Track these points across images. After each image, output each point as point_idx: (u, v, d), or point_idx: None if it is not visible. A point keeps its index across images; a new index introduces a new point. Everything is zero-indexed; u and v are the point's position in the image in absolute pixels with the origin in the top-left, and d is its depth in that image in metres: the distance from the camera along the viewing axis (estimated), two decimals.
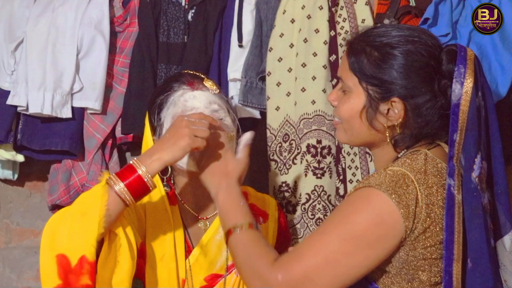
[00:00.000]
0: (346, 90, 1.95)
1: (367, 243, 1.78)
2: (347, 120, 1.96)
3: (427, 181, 1.83)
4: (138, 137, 2.89)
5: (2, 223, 3.02)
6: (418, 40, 1.89)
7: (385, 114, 1.89)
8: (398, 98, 1.87)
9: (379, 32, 1.94)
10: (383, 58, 1.88)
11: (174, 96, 2.25)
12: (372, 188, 1.80)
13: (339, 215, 1.83)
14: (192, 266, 2.22)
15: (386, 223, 1.78)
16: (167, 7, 2.86)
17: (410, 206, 1.79)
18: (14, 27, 2.85)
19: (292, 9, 2.78)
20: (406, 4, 2.80)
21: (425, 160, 1.86)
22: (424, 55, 1.87)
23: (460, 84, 1.83)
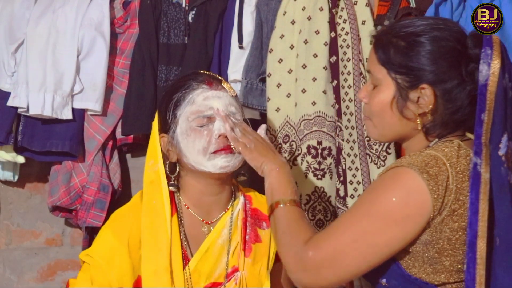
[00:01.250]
0: (375, 83, 1.97)
1: (394, 221, 1.79)
2: (378, 113, 1.97)
3: (459, 165, 1.84)
4: (138, 138, 2.89)
5: (3, 224, 3.01)
6: (443, 27, 1.91)
7: (416, 102, 1.90)
8: (427, 85, 1.89)
9: (403, 23, 1.97)
10: (409, 46, 1.90)
11: (193, 94, 2.24)
12: (403, 167, 1.82)
13: (369, 194, 1.86)
14: (192, 274, 2.22)
15: (415, 202, 1.79)
16: (168, 8, 2.86)
17: (440, 186, 1.80)
18: (14, 29, 2.85)
19: (292, 10, 2.78)
20: (406, 6, 2.80)
21: (458, 148, 1.88)
22: (450, 40, 1.89)
23: (487, 65, 1.84)
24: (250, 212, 2.34)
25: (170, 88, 2.32)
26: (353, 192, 2.67)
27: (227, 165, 2.23)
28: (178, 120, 2.24)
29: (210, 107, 2.22)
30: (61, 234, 3.04)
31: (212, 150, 2.21)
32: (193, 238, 2.27)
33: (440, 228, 1.82)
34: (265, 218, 2.35)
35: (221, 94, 2.25)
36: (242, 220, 2.31)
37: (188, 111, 2.23)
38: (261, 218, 2.35)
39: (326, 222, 2.68)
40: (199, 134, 2.22)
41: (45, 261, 3.02)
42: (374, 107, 1.97)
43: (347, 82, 2.71)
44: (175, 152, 2.27)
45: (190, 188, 2.30)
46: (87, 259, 2.21)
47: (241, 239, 2.28)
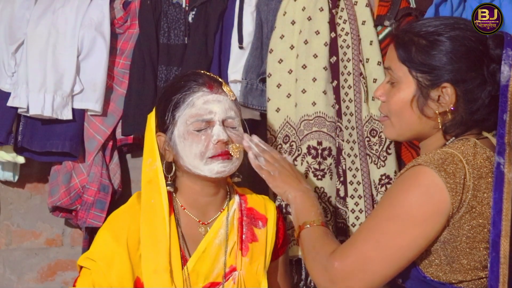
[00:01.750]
0: (394, 82, 1.98)
1: (415, 221, 1.80)
2: (397, 112, 1.98)
3: (476, 163, 1.85)
4: (138, 139, 2.89)
5: (3, 224, 3.01)
6: (464, 27, 1.93)
7: (436, 101, 1.91)
8: (449, 84, 1.90)
9: (423, 23, 1.98)
10: (431, 45, 1.92)
11: (193, 97, 2.23)
12: (420, 166, 1.83)
13: (388, 197, 1.87)
14: (190, 275, 2.22)
15: (433, 200, 1.80)
16: (168, 8, 2.86)
17: (457, 184, 1.81)
18: (14, 29, 2.84)
19: (292, 10, 2.78)
20: (406, 6, 2.79)
21: (474, 146, 1.88)
22: (472, 40, 1.91)
23: (508, 66, 1.85)
24: (246, 212, 2.34)
25: (169, 87, 2.31)
26: (353, 192, 2.66)
27: (224, 170, 2.23)
28: (176, 121, 2.24)
29: (210, 111, 2.22)
30: (61, 234, 3.04)
31: (209, 155, 2.21)
32: (190, 239, 2.27)
33: (459, 225, 1.83)
34: (261, 217, 2.35)
35: (221, 98, 2.25)
36: (238, 219, 2.31)
37: (187, 113, 2.22)
38: (257, 217, 2.35)
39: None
40: (196, 138, 2.22)
41: (45, 261, 3.02)
42: (394, 105, 1.98)
43: (347, 82, 2.71)
44: (171, 153, 2.27)
45: (186, 188, 2.30)
46: (86, 264, 2.21)
47: (238, 239, 2.28)
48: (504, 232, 1.80)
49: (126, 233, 2.21)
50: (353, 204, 2.66)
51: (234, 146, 2.24)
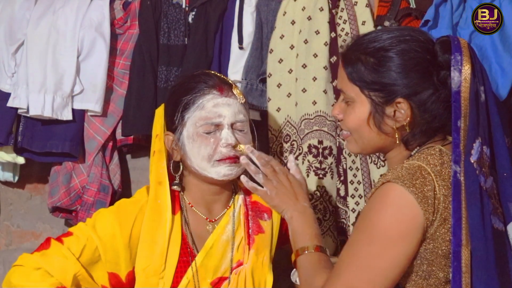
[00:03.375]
0: (349, 101, 1.97)
1: (391, 241, 1.79)
2: (356, 130, 1.97)
3: (443, 173, 1.84)
4: (138, 139, 2.89)
5: (3, 225, 3.01)
6: (410, 38, 1.91)
7: (392, 117, 1.91)
8: (402, 98, 1.89)
9: (369, 38, 1.96)
10: (379, 62, 1.90)
11: (203, 100, 2.24)
12: (390, 183, 1.82)
13: (363, 219, 1.85)
14: (198, 270, 2.23)
15: (407, 217, 1.79)
16: (168, 9, 2.86)
17: (428, 198, 1.80)
18: (14, 29, 2.85)
19: (292, 10, 2.78)
20: (406, 6, 2.80)
21: (440, 154, 1.88)
22: (419, 51, 1.89)
23: (458, 72, 1.84)
24: (251, 206, 2.37)
25: (179, 88, 2.31)
26: (353, 192, 2.67)
27: (230, 173, 2.25)
28: (185, 123, 2.25)
29: (219, 115, 2.23)
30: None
31: (217, 158, 2.23)
32: (198, 236, 2.30)
33: (434, 239, 1.82)
34: (266, 210, 2.37)
35: (231, 102, 2.26)
36: (244, 214, 2.34)
37: (196, 116, 2.23)
38: (262, 209, 2.37)
39: (324, 222, 2.68)
40: (205, 140, 2.23)
41: None
42: (351, 124, 1.97)
43: None
44: (179, 152, 2.28)
45: (193, 187, 2.32)
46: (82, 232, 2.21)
47: (245, 234, 2.30)
48: (464, 242, 1.79)
49: (132, 223, 2.23)
50: (354, 204, 2.66)
51: (243, 146, 2.25)
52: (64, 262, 2.17)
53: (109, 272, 2.22)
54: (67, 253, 2.17)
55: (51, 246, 2.19)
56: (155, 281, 2.21)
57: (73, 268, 2.17)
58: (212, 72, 2.35)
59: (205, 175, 2.26)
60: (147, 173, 2.96)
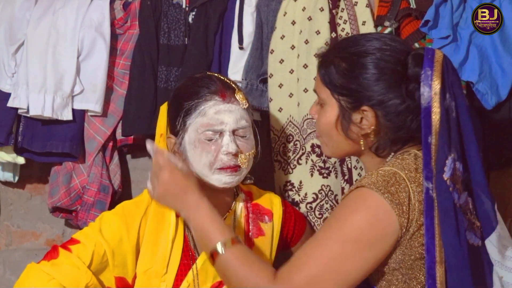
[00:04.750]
0: (321, 103, 1.98)
1: (364, 245, 1.78)
2: (326, 133, 1.98)
3: (418, 178, 1.84)
4: (138, 139, 2.89)
5: (3, 225, 3.01)
6: (384, 48, 1.90)
7: (358, 123, 1.91)
8: (368, 106, 1.89)
9: (347, 43, 1.96)
10: (350, 68, 1.91)
11: (205, 106, 2.22)
12: (365, 188, 1.81)
13: (336, 219, 1.83)
14: (199, 273, 2.22)
15: (382, 223, 1.79)
16: (168, 9, 2.86)
17: (403, 204, 1.80)
18: (14, 30, 2.85)
19: (292, 11, 2.78)
20: (406, 6, 2.80)
21: (415, 159, 1.87)
22: (390, 62, 1.89)
23: (428, 87, 1.82)
24: (252, 208, 2.36)
25: (181, 92, 2.29)
26: None
27: (231, 181, 2.24)
28: (187, 128, 2.24)
29: (221, 122, 2.21)
30: (61, 235, 3.04)
31: (218, 166, 2.22)
32: None
33: (410, 244, 1.82)
34: (267, 212, 2.37)
35: (233, 108, 2.24)
36: (245, 217, 2.33)
37: (198, 122, 2.22)
38: (263, 212, 2.37)
39: None
40: (207, 148, 2.22)
41: None
42: (321, 126, 1.98)
43: None
44: (181, 156, 2.27)
45: None
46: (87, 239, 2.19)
47: (244, 237, 2.30)
48: (438, 259, 1.79)
49: (138, 225, 2.22)
50: None
51: (243, 156, 2.24)
52: (76, 272, 2.13)
53: (116, 276, 2.20)
54: (78, 262, 2.13)
55: (59, 255, 2.15)
56: (157, 283, 2.20)
57: (85, 278, 2.13)
58: (215, 74, 2.33)
59: (206, 181, 2.25)
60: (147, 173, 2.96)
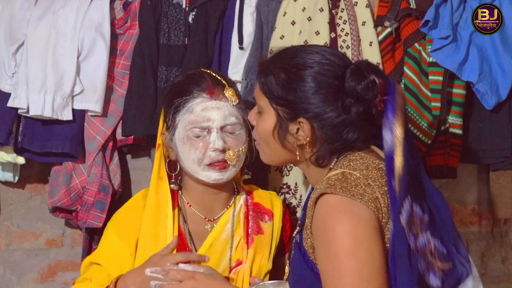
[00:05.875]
0: (260, 110, 1.99)
1: (367, 242, 1.76)
2: (263, 140, 1.99)
3: (371, 174, 1.84)
4: (138, 139, 2.89)
5: (3, 225, 3.01)
6: (323, 62, 1.91)
7: (295, 134, 1.92)
8: (305, 119, 1.90)
9: (287, 54, 1.98)
10: (289, 79, 1.92)
11: (193, 103, 2.24)
12: (327, 194, 1.81)
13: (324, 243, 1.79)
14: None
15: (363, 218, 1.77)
16: (168, 9, 2.86)
17: (364, 195, 1.79)
18: (14, 30, 2.84)
19: (292, 11, 2.78)
20: (406, 7, 2.80)
21: (361, 158, 1.88)
22: (328, 76, 1.90)
23: (390, 131, 1.82)
24: (252, 206, 2.37)
25: (172, 88, 2.33)
26: None
27: (221, 178, 2.26)
28: (177, 125, 2.26)
29: (208, 118, 2.23)
30: (61, 235, 3.03)
31: (206, 162, 2.23)
32: (196, 235, 2.30)
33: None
34: (267, 212, 2.38)
35: (221, 105, 2.25)
36: (244, 214, 2.34)
37: (186, 119, 2.24)
38: (263, 211, 2.38)
39: None
40: (195, 144, 2.23)
41: (46, 262, 3.01)
42: (259, 134, 2.00)
43: None
44: (173, 152, 2.29)
45: (191, 187, 2.33)
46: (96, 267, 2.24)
47: (244, 233, 2.30)
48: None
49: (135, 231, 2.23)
50: None
51: (231, 153, 2.25)
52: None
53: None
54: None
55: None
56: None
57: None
58: (207, 71, 2.34)
59: (196, 177, 2.27)
60: (147, 173, 2.98)
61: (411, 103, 2.80)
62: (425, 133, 2.78)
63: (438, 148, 2.84)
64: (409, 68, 2.81)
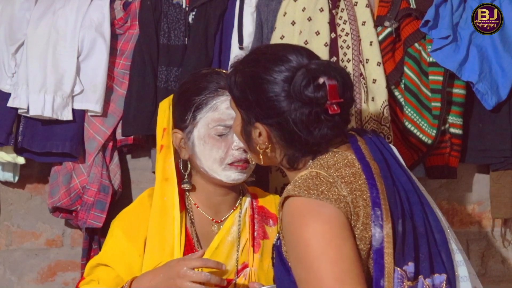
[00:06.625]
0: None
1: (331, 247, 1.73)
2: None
3: (338, 171, 1.81)
4: (138, 139, 2.89)
5: (3, 225, 3.01)
6: (278, 67, 1.86)
7: (257, 138, 1.90)
8: (260, 124, 1.88)
9: (249, 57, 1.95)
10: (245, 83, 1.89)
11: (217, 101, 2.22)
12: (292, 197, 1.78)
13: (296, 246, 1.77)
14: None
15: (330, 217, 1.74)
16: (168, 9, 2.86)
17: (330, 194, 1.76)
18: (14, 30, 2.84)
19: (292, 11, 2.78)
20: (406, 6, 2.80)
21: (333, 156, 1.85)
22: (278, 80, 1.84)
23: (379, 227, 1.78)
24: (257, 210, 2.36)
25: (190, 86, 2.28)
26: None
27: (240, 178, 2.24)
28: (197, 123, 2.23)
29: (233, 117, 2.22)
30: (61, 235, 3.03)
31: (228, 161, 2.22)
32: (203, 237, 2.29)
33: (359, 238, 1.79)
34: (272, 216, 2.36)
35: None
36: (250, 217, 2.33)
37: (209, 117, 2.22)
38: (268, 215, 2.36)
39: None
40: (217, 143, 2.22)
41: (46, 262, 3.02)
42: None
43: None
44: (187, 151, 2.27)
45: (200, 187, 2.31)
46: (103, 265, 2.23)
47: (249, 236, 2.29)
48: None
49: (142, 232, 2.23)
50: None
51: None
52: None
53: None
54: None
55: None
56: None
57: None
58: (223, 71, 2.33)
59: (214, 177, 2.25)
60: (147, 173, 2.98)
61: (411, 103, 2.80)
62: (425, 133, 2.78)
63: (438, 148, 2.84)
64: (409, 68, 2.81)
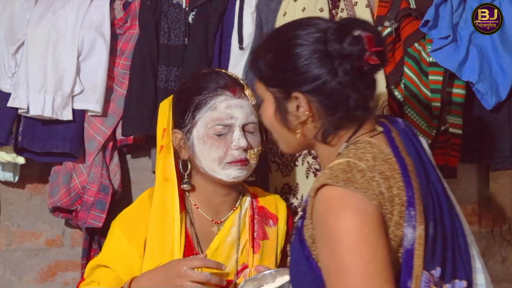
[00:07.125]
0: (261, 100, 1.94)
1: (371, 238, 1.69)
2: (272, 129, 1.94)
3: (378, 166, 1.77)
4: (138, 139, 2.89)
5: (3, 225, 3.01)
6: (306, 31, 1.84)
7: (295, 112, 1.85)
8: (299, 93, 1.83)
9: (271, 35, 1.95)
10: (276, 57, 1.87)
11: (216, 100, 2.22)
12: (328, 186, 1.73)
13: (324, 240, 1.73)
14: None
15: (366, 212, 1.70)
16: (168, 9, 2.86)
17: (368, 189, 1.72)
18: (14, 30, 2.84)
19: (292, 11, 2.78)
20: (406, 6, 2.80)
21: (370, 147, 1.81)
22: (311, 43, 1.82)
23: (412, 228, 1.75)
24: (257, 210, 2.35)
25: (190, 86, 2.28)
26: None
27: (240, 176, 2.24)
28: (196, 122, 2.23)
29: (231, 116, 2.21)
30: (61, 235, 3.03)
31: (228, 160, 2.22)
32: (203, 238, 2.28)
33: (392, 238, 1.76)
34: (272, 216, 2.36)
35: (243, 103, 2.24)
36: (250, 217, 2.32)
37: (208, 116, 2.22)
38: (268, 216, 2.36)
39: None
40: (216, 143, 2.22)
41: (46, 262, 3.02)
42: (266, 123, 1.94)
43: None
44: (187, 151, 2.27)
45: (200, 188, 2.31)
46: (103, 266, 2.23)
47: (249, 236, 2.29)
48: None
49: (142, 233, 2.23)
50: None
51: (252, 152, 2.24)
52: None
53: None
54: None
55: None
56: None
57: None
58: (222, 71, 2.33)
59: (214, 176, 2.25)
60: (147, 173, 2.98)
61: (411, 103, 2.79)
62: (425, 133, 2.78)
63: (438, 148, 2.84)
64: (409, 68, 2.81)
